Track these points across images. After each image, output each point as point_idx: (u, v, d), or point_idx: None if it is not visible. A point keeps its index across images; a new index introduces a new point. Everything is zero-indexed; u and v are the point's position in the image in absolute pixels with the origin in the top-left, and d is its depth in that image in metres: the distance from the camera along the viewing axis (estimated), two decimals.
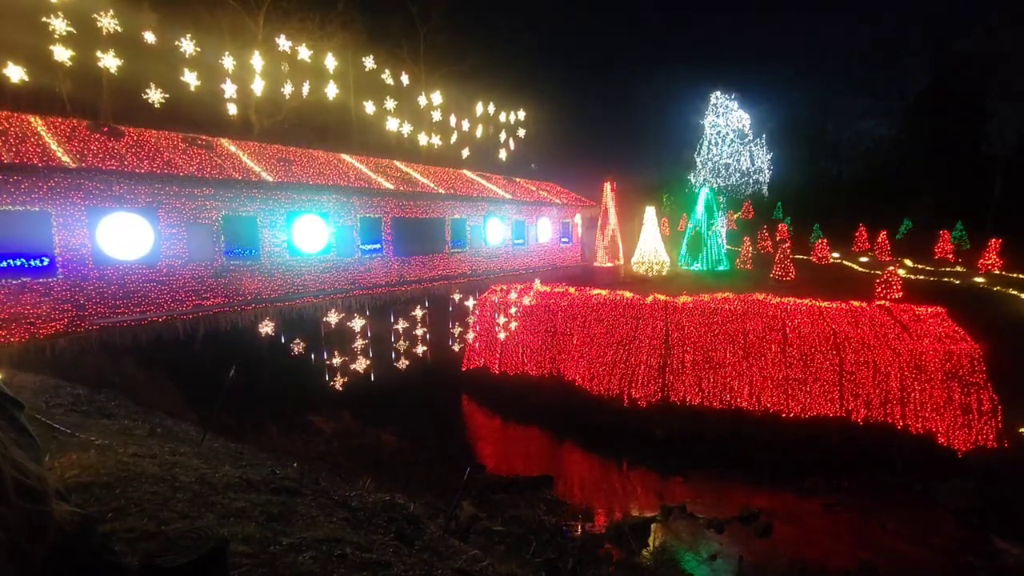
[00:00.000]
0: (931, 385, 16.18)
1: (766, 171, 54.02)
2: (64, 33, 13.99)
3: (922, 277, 26.00)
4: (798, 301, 18.94)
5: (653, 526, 13.09)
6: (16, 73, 12.77)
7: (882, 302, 19.67)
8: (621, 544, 12.04)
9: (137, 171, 13.12)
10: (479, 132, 29.51)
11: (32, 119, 13.44)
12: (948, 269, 28.79)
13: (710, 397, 17.85)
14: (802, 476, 15.29)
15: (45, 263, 11.67)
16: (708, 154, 54.95)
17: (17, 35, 13.61)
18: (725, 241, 33.20)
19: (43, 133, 12.99)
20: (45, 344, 10.95)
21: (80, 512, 0.86)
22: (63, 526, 0.80)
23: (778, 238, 38.00)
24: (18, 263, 11.28)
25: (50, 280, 11.71)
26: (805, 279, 26.51)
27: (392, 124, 24.44)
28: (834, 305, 18.70)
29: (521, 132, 32.20)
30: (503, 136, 31.77)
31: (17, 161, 11.33)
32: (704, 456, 16.45)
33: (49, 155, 12.05)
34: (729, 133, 55.67)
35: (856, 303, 18.81)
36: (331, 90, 22.48)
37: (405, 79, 24.35)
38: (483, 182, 26.91)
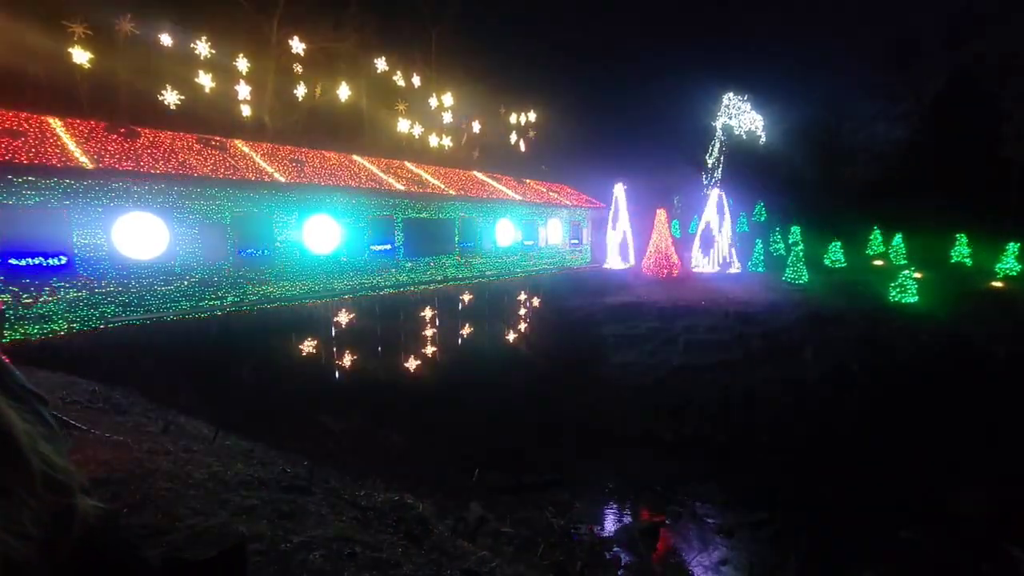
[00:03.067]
0: None
1: (779, 172, 53.50)
2: (83, 36, 14.30)
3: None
4: None
5: (662, 530, 13.02)
6: (37, 73, 13.06)
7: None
8: (630, 548, 11.99)
9: (153, 171, 13.31)
10: (490, 133, 29.57)
11: (51, 120, 13.68)
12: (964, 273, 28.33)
13: None
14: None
15: (63, 261, 11.87)
16: (720, 156, 54.56)
17: (38, 38, 13.89)
18: (732, 242, 32.93)
19: (62, 134, 13.21)
20: (62, 341, 11.12)
21: (103, 507, 0.88)
22: (88, 519, 0.83)
23: (790, 240, 37.61)
24: (37, 261, 11.49)
25: (68, 278, 11.91)
26: (817, 282, 26.24)
27: (403, 125, 24.59)
28: None
29: (531, 133, 32.21)
30: (514, 137, 31.81)
31: (37, 161, 11.54)
32: (715, 460, 16.34)
33: (68, 156, 12.27)
34: (742, 135, 55.21)
35: None
36: (343, 91, 22.67)
37: (416, 80, 24.47)
38: (493, 183, 26.95)
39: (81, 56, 14.37)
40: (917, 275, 23.37)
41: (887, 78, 49.10)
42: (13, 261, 11.19)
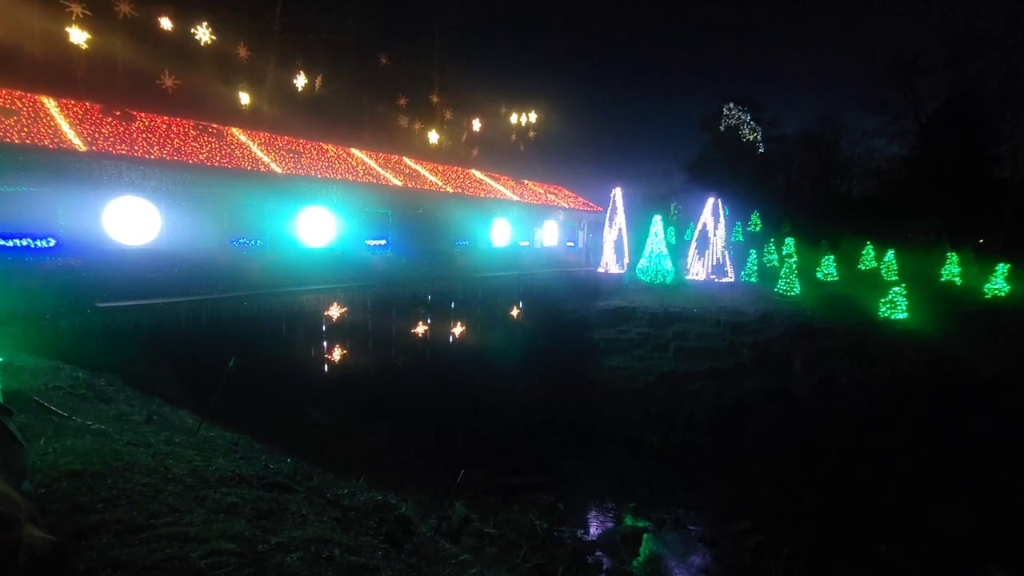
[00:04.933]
0: None
1: (776, 183, 53.85)
2: (81, 15, 14.12)
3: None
4: None
5: (645, 536, 13.04)
6: (32, 52, 12.89)
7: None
8: (612, 553, 12.01)
9: (147, 156, 13.16)
10: (490, 132, 29.51)
11: (46, 99, 13.50)
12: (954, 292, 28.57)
13: None
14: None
15: (51, 244, 11.72)
16: (718, 164, 54.78)
17: (35, 15, 13.71)
18: (727, 251, 33.05)
19: (56, 114, 13.04)
20: (48, 325, 10.97)
21: (51, 539, 0.84)
22: (35, 551, 0.79)
23: (784, 252, 37.81)
24: (25, 243, 11.34)
25: (56, 261, 11.76)
26: (809, 295, 26.38)
27: (403, 120, 24.49)
28: None
29: (531, 134, 32.18)
30: (513, 137, 31.78)
31: (29, 141, 11.39)
32: (701, 468, 16.39)
33: (61, 137, 12.11)
34: (740, 144, 55.46)
35: None
36: (344, 84, 22.55)
37: (418, 76, 24.37)
38: (491, 182, 26.90)
39: (79, 36, 14.21)
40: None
41: (887, 94, 49.42)
42: (0, 242, 11.03)
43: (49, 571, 0.83)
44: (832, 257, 33.02)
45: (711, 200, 31.99)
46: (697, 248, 31.86)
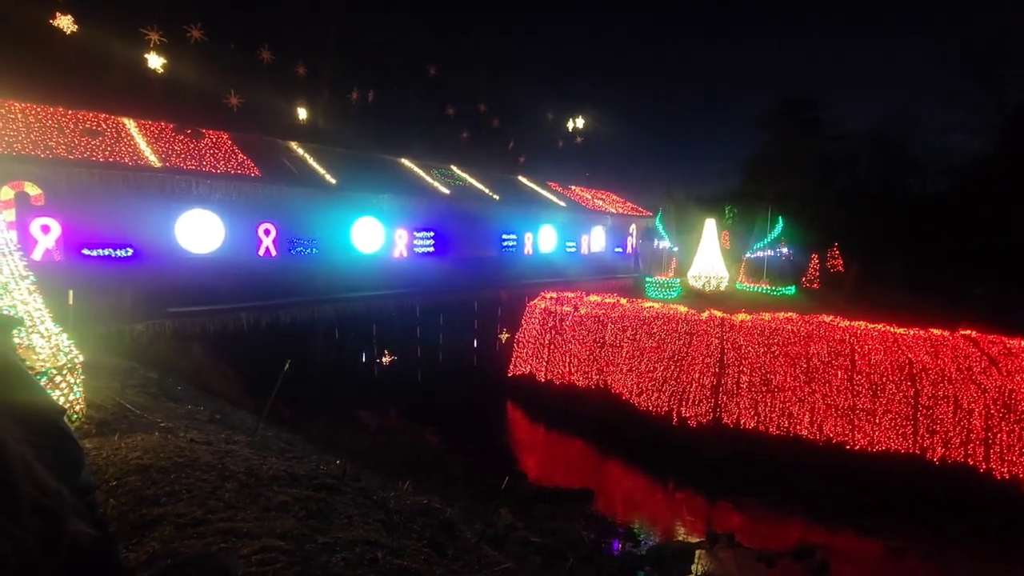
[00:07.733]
0: (1021, 426, 14.67)
1: (840, 185, 50.95)
2: (158, 42, 15.28)
3: None
4: (869, 326, 17.69)
5: (697, 553, 12.54)
6: (115, 77, 14.08)
7: (967, 332, 18.04)
8: (661, 569, 11.62)
9: (214, 171, 14.04)
10: (537, 139, 29.58)
11: (126, 121, 14.66)
12: None
13: (766, 421, 16.96)
14: (864, 514, 14.22)
15: (130, 253, 12.66)
16: (773, 164, 52.44)
17: (117, 44, 14.93)
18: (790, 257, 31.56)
19: (135, 134, 14.14)
20: (124, 329, 11.83)
21: (93, 534, 0.88)
22: (78, 545, 0.82)
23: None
24: (107, 252, 12.31)
25: (133, 269, 12.69)
26: (877, 301, 24.77)
27: (451, 129, 24.96)
28: (911, 332, 17.33)
29: (579, 140, 32.02)
30: (560, 144, 31.72)
31: (112, 160, 12.39)
32: (757, 482, 15.62)
33: (139, 155, 13.11)
34: (800, 143, 52.85)
35: (937, 331, 17.35)
36: (394, 96, 23.25)
37: (466, 86, 24.80)
38: (538, 188, 26.94)
39: (155, 61, 15.36)
40: None
41: (966, 86, 45.74)
42: (86, 251, 12.02)
43: (93, 564, 0.87)
44: (904, 261, 30.93)
45: (768, 204, 30.73)
46: (754, 253, 30.66)
